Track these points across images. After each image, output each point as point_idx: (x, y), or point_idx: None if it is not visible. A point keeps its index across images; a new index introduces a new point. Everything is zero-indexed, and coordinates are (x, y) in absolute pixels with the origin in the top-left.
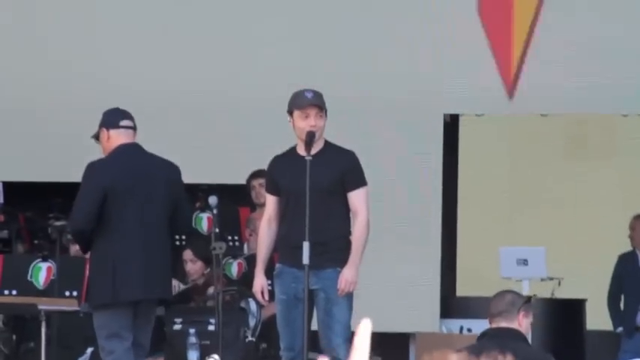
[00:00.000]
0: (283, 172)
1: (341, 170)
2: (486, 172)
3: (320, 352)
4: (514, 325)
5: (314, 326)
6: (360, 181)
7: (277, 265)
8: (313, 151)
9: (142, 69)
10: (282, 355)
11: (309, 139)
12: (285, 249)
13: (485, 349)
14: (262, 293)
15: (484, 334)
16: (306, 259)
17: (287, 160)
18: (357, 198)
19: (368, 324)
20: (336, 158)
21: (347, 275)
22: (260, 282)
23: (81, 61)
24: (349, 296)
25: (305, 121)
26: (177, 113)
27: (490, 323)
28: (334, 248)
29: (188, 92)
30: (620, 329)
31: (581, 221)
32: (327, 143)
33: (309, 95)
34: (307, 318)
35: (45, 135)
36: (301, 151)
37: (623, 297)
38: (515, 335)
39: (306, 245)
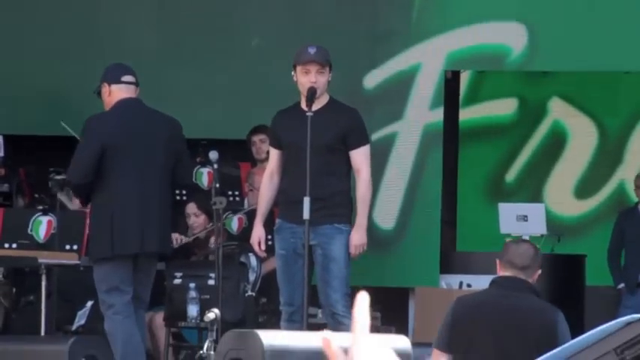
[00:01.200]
0: (285, 126)
1: (343, 128)
2: (487, 129)
3: (320, 306)
4: (530, 278)
5: (314, 281)
6: (362, 139)
7: (277, 221)
8: (317, 107)
9: (139, 22)
10: (281, 310)
11: (310, 95)
12: (284, 204)
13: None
14: (259, 244)
15: (493, 282)
16: (306, 214)
17: (290, 115)
18: (358, 156)
19: (365, 296)
20: (339, 115)
21: (355, 239)
22: (258, 233)
23: (78, 15)
24: (347, 252)
25: (306, 77)
26: (177, 68)
27: (504, 271)
28: (332, 204)
29: (189, 48)
30: (621, 285)
31: (578, 178)
32: (331, 100)
33: (312, 51)
34: (307, 273)
35: (46, 88)
36: (304, 106)
37: (624, 253)
38: (529, 288)
39: (306, 200)
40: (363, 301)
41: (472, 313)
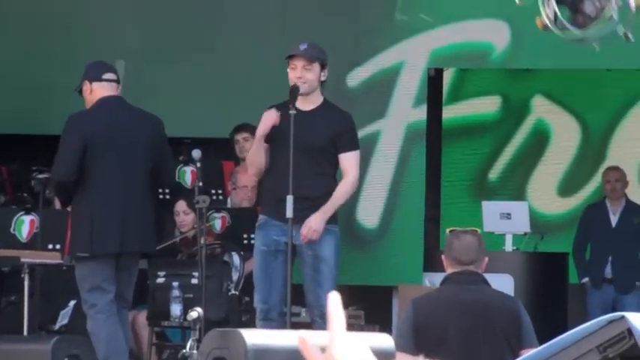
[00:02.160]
0: (273, 127)
1: (335, 130)
2: (471, 127)
3: (303, 306)
4: (480, 269)
5: (295, 280)
6: (352, 144)
7: (260, 217)
8: (310, 106)
9: (122, 20)
10: (256, 307)
11: (292, 92)
12: (269, 201)
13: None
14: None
15: (447, 280)
16: (289, 213)
17: (280, 111)
18: (347, 160)
19: (336, 295)
20: (332, 118)
21: (312, 222)
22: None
23: (61, 13)
24: (336, 252)
25: (293, 73)
26: (160, 66)
27: (452, 268)
28: (320, 205)
29: (173, 46)
30: (585, 280)
31: (561, 176)
32: (325, 101)
33: (302, 47)
34: (290, 272)
35: (29, 87)
36: (296, 104)
37: (590, 248)
38: (482, 280)
39: (289, 199)
40: (335, 299)
41: (437, 312)
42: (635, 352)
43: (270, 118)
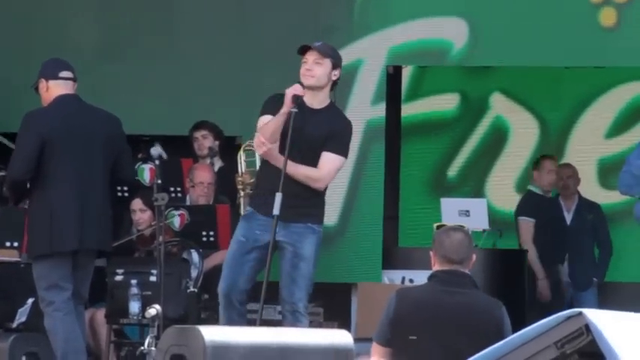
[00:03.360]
0: (277, 112)
1: (330, 132)
2: (429, 124)
3: (272, 304)
4: (467, 268)
5: (261, 277)
6: (339, 148)
7: (248, 208)
8: (316, 105)
9: (80, 16)
10: (219, 293)
11: (296, 100)
12: (260, 195)
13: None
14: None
15: (435, 277)
16: (276, 210)
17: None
18: (325, 159)
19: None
20: (332, 120)
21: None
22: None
23: (19, 11)
24: (316, 252)
25: (303, 67)
26: (119, 64)
27: (440, 265)
28: (308, 204)
29: (131, 43)
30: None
31: (520, 173)
32: (331, 104)
33: (316, 43)
34: (268, 268)
35: None
36: (305, 99)
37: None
38: (470, 282)
39: (278, 196)
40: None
41: (417, 311)
42: (592, 348)
43: (294, 92)
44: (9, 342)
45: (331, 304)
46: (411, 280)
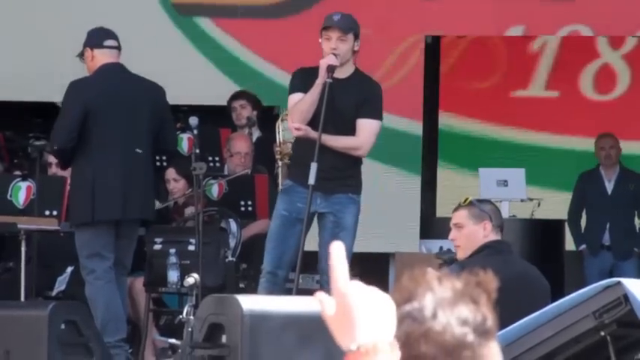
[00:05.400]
0: (307, 88)
1: (361, 98)
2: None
3: (311, 273)
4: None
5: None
6: (373, 113)
7: (286, 181)
8: (342, 75)
9: None
10: (263, 268)
11: (330, 70)
12: (298, 167)
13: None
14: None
15: (486, 247)
16: (312, 180)
17: (312, 78)
18: (362, 126)
19: (340, 245)
20: (361, 86)
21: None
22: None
23: None
24: (356, 223)
25: (327, 43)
26: (159, 36)
27: (494, 235)
28: (347, 175)
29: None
30: (582, 247)
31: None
32: (356, 71)
33: (335, 18)
34: (304, 239)
35: (26, 55)
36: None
37: (586, 215)
38: (511, 248)
39: (313, 166)
40: (338, 250)
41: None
42: (631, 317)
43: (328, 63)
44: (48, 310)
45: (368, 274)
46: (449, 250)
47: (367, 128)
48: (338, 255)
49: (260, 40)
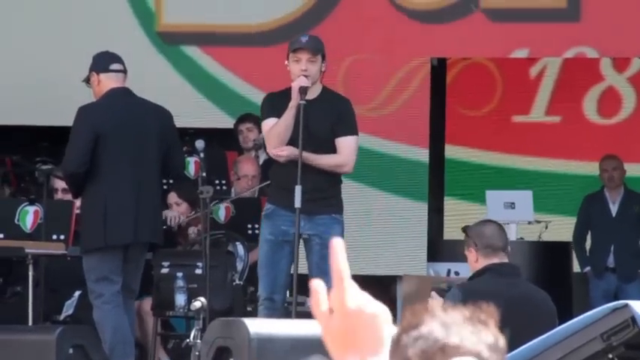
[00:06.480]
0: (279, 112)
1: (334, 117)
2: (474, 115)
3: (308, 295)
4: (508, 259)
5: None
6: (349, 129)
7: (268, 206)
8: (311, 95)
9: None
10: (259, 296)
11: (303, 91)
12: (279, 190)
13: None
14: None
15: (489, 270)
16: (297, 203)
17: (283, 102)
18: (344, 144)
19: (340, 243)
20: (332, 104)
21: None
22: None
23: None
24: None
25: (297, 65)
26: (163, 59)
27: (487, 258)
28: (329, 194)
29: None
30: (587, 269)
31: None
32: (324, 89)
33: (304, 39)
34: (297, 261)
35: (34, 79)
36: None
37: (590, 237)
38: (519, 272)
39: (297, 189)
40: (339, 250)
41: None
42: (639, 339)
43: (300, 84)
44: (56, 334)
45: (375, 296)
46: (456, 273)
47: (348, 145)
48: (338, 250)
49: (250, 68)
